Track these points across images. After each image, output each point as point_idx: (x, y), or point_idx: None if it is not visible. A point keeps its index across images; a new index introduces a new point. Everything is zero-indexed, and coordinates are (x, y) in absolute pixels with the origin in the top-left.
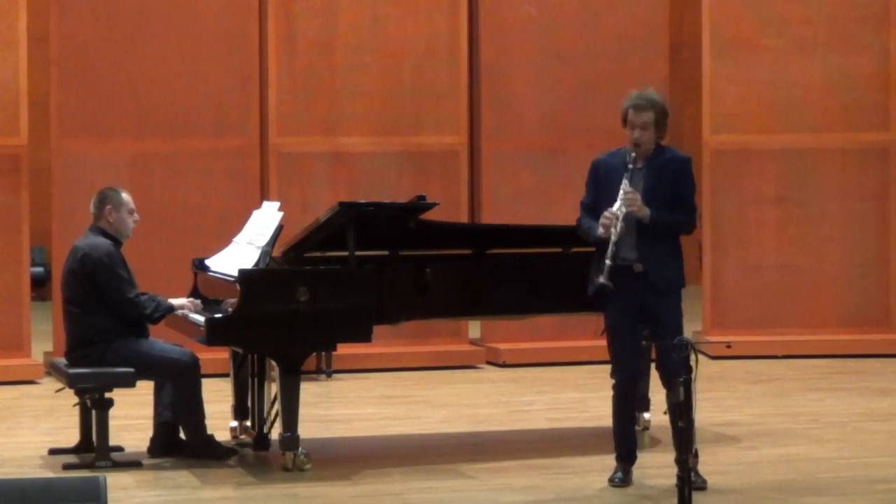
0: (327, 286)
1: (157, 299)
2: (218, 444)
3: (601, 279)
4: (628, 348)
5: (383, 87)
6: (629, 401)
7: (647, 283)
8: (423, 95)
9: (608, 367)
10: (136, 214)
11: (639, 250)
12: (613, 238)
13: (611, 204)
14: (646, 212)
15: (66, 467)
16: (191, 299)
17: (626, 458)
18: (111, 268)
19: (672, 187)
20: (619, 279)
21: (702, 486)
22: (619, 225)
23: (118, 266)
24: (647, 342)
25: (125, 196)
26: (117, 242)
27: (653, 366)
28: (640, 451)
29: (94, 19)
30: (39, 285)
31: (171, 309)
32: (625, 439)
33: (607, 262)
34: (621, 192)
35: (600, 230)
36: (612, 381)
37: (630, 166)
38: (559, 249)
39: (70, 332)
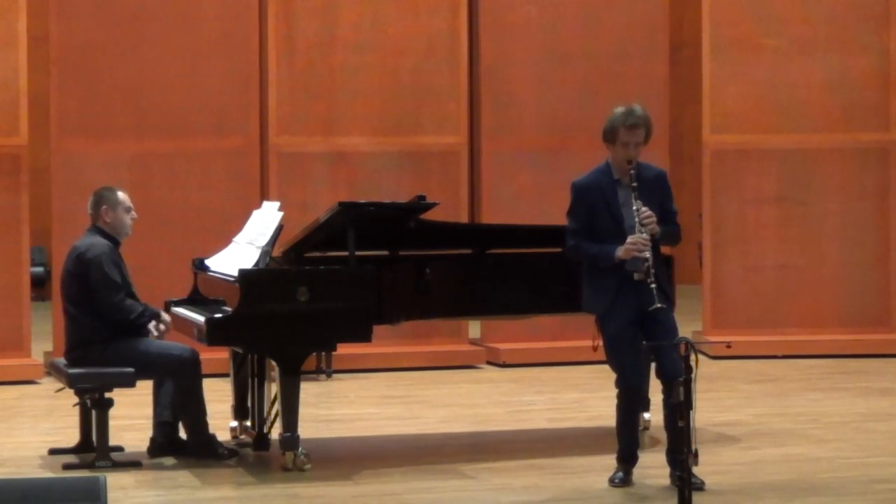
0: (327, 286)
1: (144, 306)
2: (219, 444)
3: (658, 304)
4: (632, 358)
5: (383, 87)
6: (634, 408)
7: (650, 289)
8: (423, 95)
9: (608, 368)
10: (133, 212)
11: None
12: (651, 261)
13: (609, 226)
14: (657, 227)
15: (66, 467)
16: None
17: (628, 459)
18: (102, 269)
19: (660, 202)
20: (621, 288)
21: (699, 487)
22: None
23: (110, 268)
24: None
25: (121, 195)
26: (116, 242)
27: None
28: (640, 451)
29: (94, 19)
30: (39, 285)
31: (157, 316)
32: (628, 442)
33: (653, 286)
34: (636, 212)
35: (630, 254)
36: (616, 390)
37: (634, 184)
38: (559, 249)
39: (69, 331)
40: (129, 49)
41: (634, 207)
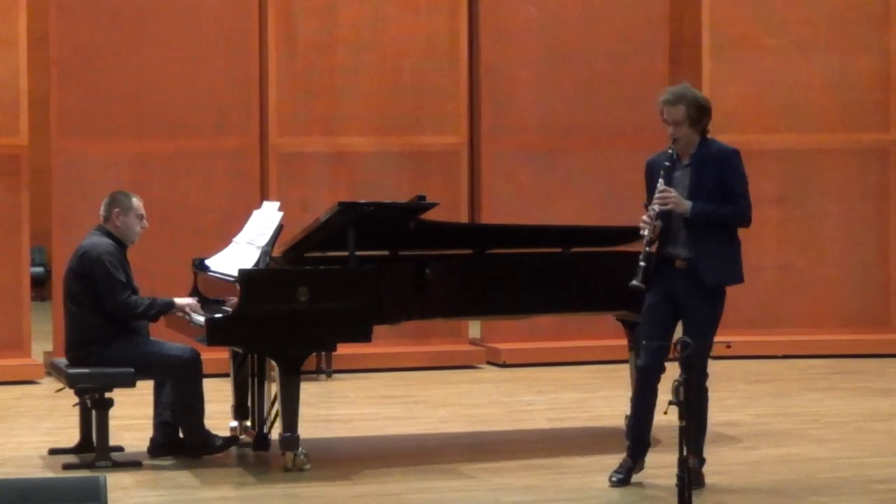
0: (327, 286)
1: (152, 298)
2: (214, 437)
3: (634, 282)
4: (653, 338)
5: (383, 87)
6: (646, 389)
7: (690, 278)
8: (423, 95)
9: (608, 368)
10: (145, 221)
11: (691, 246)
12: (646, 238)
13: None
14: (685, 206)
15: (66, 467)
16: (195, 299)
17: (635, 448)
18: (107, 268)
19: (717, 181)
20: (662, 270)
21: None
22: (654, 225)
23: (115, 267)
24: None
25: (135, 201)
26: (122, 245)
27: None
28: None
29: (94, 19)
30: (39, 285)
31: (171, 305)
32: (635, 426)
33: (641, 263)
34: (656, 190)
35: (641, 231)
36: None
37: (667, 164)
38: (559, 249)
39: (70, 330)
40: (129, 49)
41: (658, 184)
